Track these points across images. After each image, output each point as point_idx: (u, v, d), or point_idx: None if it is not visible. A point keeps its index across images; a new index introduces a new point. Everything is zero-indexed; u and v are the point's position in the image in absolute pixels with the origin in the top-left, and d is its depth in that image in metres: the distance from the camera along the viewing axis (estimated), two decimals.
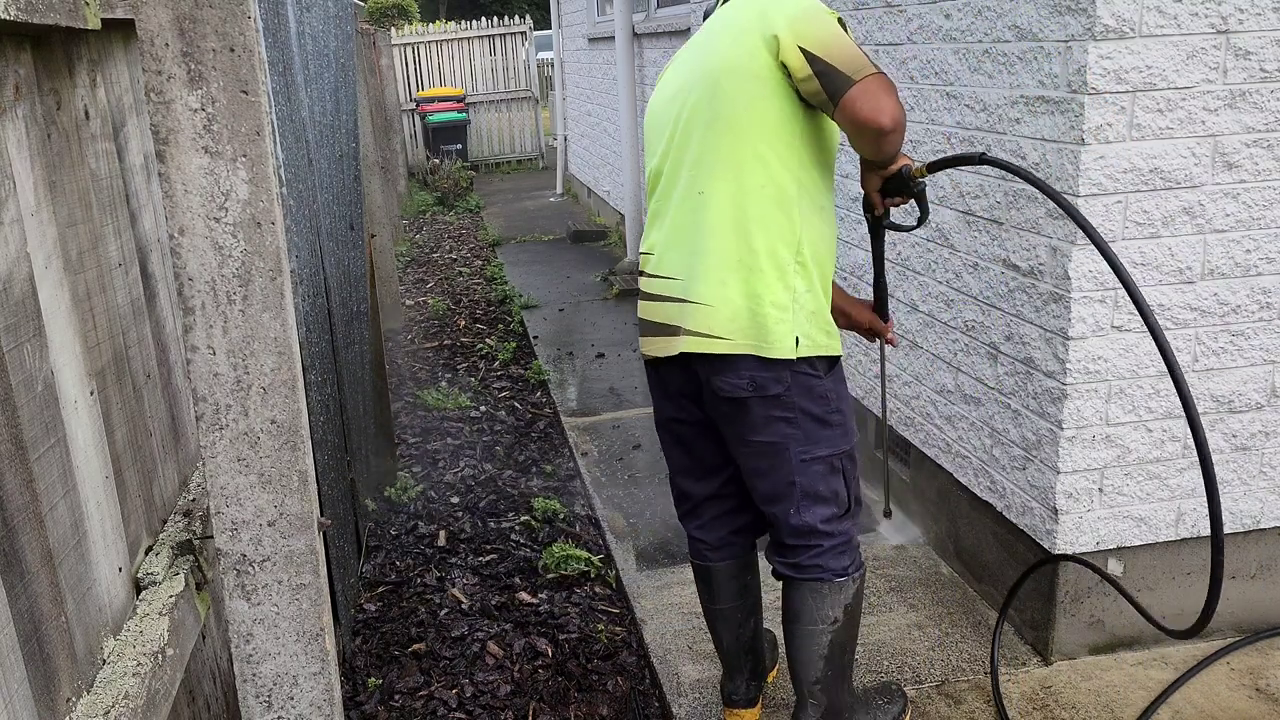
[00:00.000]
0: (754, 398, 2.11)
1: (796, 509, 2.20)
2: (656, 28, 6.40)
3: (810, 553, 2.24)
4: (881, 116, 1.96)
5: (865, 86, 1.95)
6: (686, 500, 2.44)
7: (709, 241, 2.12)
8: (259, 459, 1.45)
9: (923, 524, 3.33)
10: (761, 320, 2.08)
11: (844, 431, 2.22)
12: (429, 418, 4.90)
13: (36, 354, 1.38)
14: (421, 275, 7.98)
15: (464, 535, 3.72)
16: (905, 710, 2.50)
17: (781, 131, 2.07)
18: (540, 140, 14.59)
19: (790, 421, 2.14)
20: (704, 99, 2.12)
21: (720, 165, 2.10)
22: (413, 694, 2.80)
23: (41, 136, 1.45)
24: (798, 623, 2.27)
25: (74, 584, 1.46)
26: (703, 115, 2.12)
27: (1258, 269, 2.48)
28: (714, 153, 2.10)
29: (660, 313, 2.22)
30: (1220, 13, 2.29)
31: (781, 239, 2.10)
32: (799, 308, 2.11)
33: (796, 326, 2.10)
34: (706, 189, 2.12)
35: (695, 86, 2.15)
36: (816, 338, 2.14)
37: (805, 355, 2.12)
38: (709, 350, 2.12)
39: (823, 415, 2.16)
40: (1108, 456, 2.53)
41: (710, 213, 2.11)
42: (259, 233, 1.39)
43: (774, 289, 2.09)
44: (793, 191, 2.10)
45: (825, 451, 2.18)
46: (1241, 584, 2.72)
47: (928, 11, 2.94)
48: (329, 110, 3.39)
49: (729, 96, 2.07)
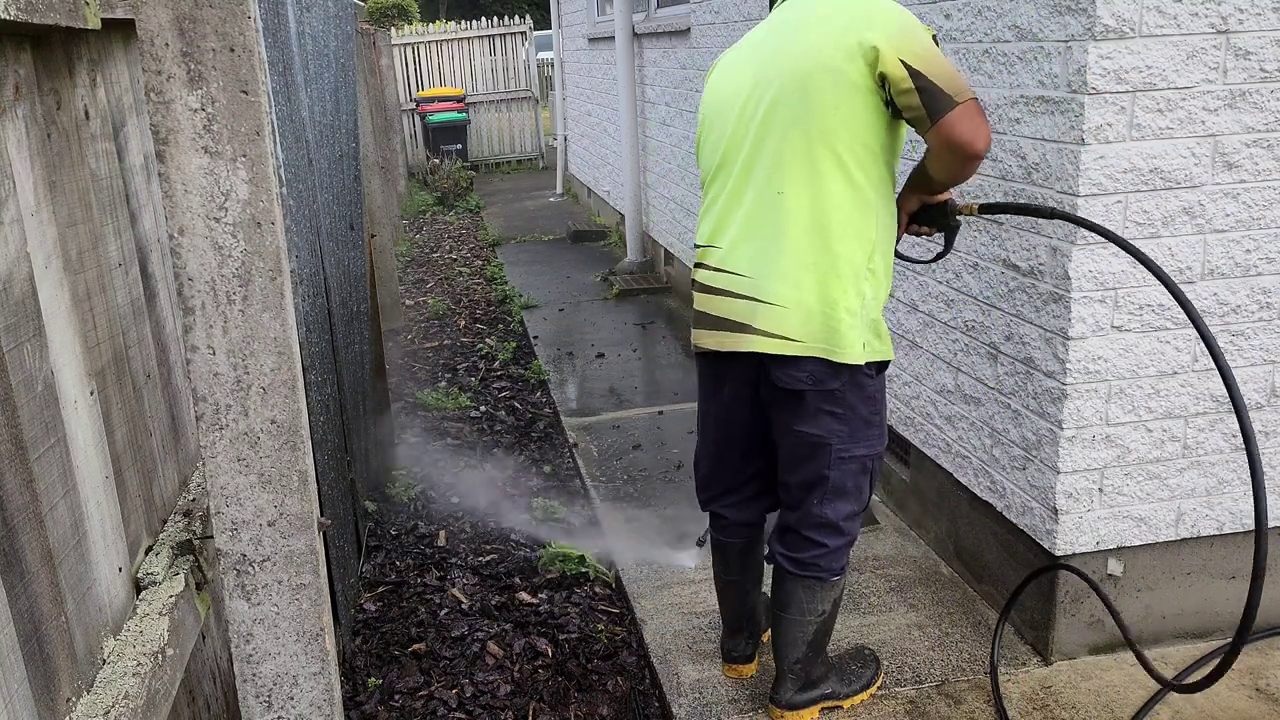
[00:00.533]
0: (811, 391, 2.19)
1: (822, 501, 2.29)
2: (656, 28, 6.40)
3: (816, 551, 2.32)
4: (978, 141, 2.02)
5: (967, 109, 2.01)
6: (718, 483, 2.54)
7: (786, 242, 2.14)
8: (259, 459, 1.45)
9: (923, 524, 3.33)
10: (834, 325, 2.13)
11: (880, 434, 2.31)
12: (429, 418, 4.90)
13: (36, 354, 1.38)
14: (421, 275, 7.98)
15: (464, 535, 3.72)
16: (878, 674, 2.62)
17: (867, 139, 2.09)
18: (540, 140, 14.59)
19: (839, 418, 2.22)
20: (790, 97, 2.11)
21: (804, 166, 2.11)
22: (413, 694, 2.80)
23: (41, 136, 1.45)
24: (786, 611, 2.38)
25: (74, 584, 1.46)
26: (787, 114, 2.12)
27: (1258, 269, 2.48)
28: (797, 153, 2.11)
29: (725, 308, 2.25)
30: (1220, 13, 2.29)
31: (859, 245, 2.14)
32: (866, 314, 2.17)
33: (863, 333, 2.17)
34: (787, 189, 2.13)
35: (776, 82, 2.14)
36: (875, 344, 2.21)
37: (868, 360, 2.19)
38: (780, 351, 2.17)
39: (868, 416, 2.25)
40: (1108, 456, 2.53)
41: (790, 214, 2.13)
42: (259, 233, 1.39)
43: (848, 294, 2.13)
44: (872, 198, 2.14)
45: (862, 451, 2.27)
46: (1241, 584, 2.72)
47: (928, 11, 2.94)
48: (329, 110, 3.39)
49: (819, 97, 2.07)
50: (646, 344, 5.84)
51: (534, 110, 14.40)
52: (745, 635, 2.67)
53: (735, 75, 2.28)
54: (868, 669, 2.60)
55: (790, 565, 2.35)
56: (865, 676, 2.58)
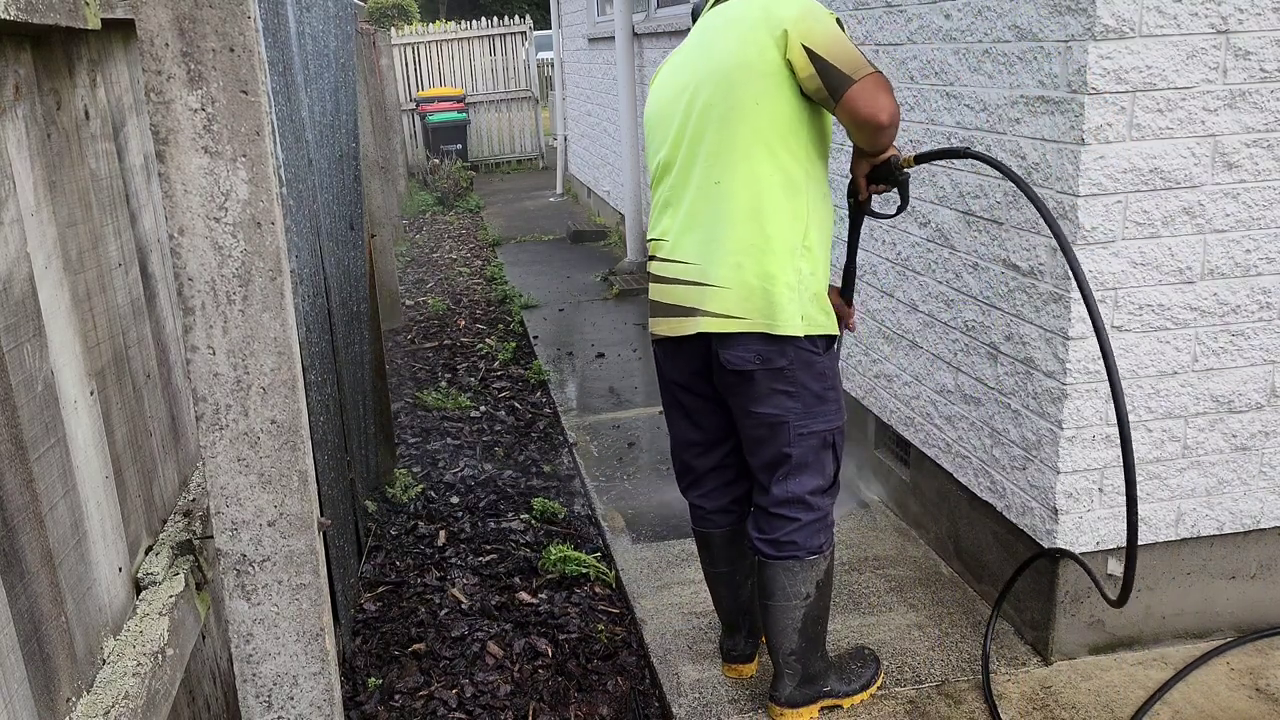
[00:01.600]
0: (760, 370, 2.27)
1: (787, 478, 2.36)
2: (656, 28, 6.40)
3: (789, 527, 2.38)
4: (880, 114, 2.13)
5: (864, 85, 2.11)
6: (690, 472, 2.59)
7: (726, 229, 2.25)
8: (259, 459, 1.45)
9: (923, 524, 3.33)
10: (773, 300, 2.23)
11: (837, 408, 2.38)
12: (429, 418, 4.90)
13: (36, 354, 1.38)
14: (421, 275, 7.98)
15: (464, 535, 3.72)
16: (878, 674, 2.63)
17: (790, 124, 2.21)
18: (540, 140, 14.58)
19: (791, 395, 2.30)
20: (717, 95, 2.24)
21: (736, 157, 2.23)
22: (413, 694, 2.80)
23: (41, 136, 1.45)
24: (771, 599, 2.42)
25: (74, 584, 1.46)
26: (717, 110, 2.24)
27: (1258, 269, 2.48)
28: (729, 145, 2.23)
29: (676, 295, 2.35)
30: (1220, 13, 2.29)
31: (792, 225, 2.25)
32: (804, 289, 2.26)
33: (801, 306, 2.26)
34: (723, 179, 2.25)
35: (706, 83, 2.27)
36: (817, 317, 2.29)
37: (809, 333, 2.27)
38: (725, 329, 2.27)
39: (820, 391, 2.33)
40: (1108, 456, 2.53)
41: (727, 201, 2.25)
42: (259, 233, 1.39)
43: (785, 271, 2.23)
44: (801, 180, 2.25)
45: (820, 426, 2.35)
46: (1241, 584, 2.72)
47: (928, 11, 2.94)
48: (329, 110, 3.39)
49: (741, 92, 2.20)
50: (646, 344, 5.84)
51: (534, 110, 14.40)
52: (743, 633, 2.67)
53: (671, 83, 2.41)
54: (868, 669, 2.61)
55: (767, 548, 2.40)
56: (865, 676, 2.59)
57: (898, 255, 3.24)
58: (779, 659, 2.46)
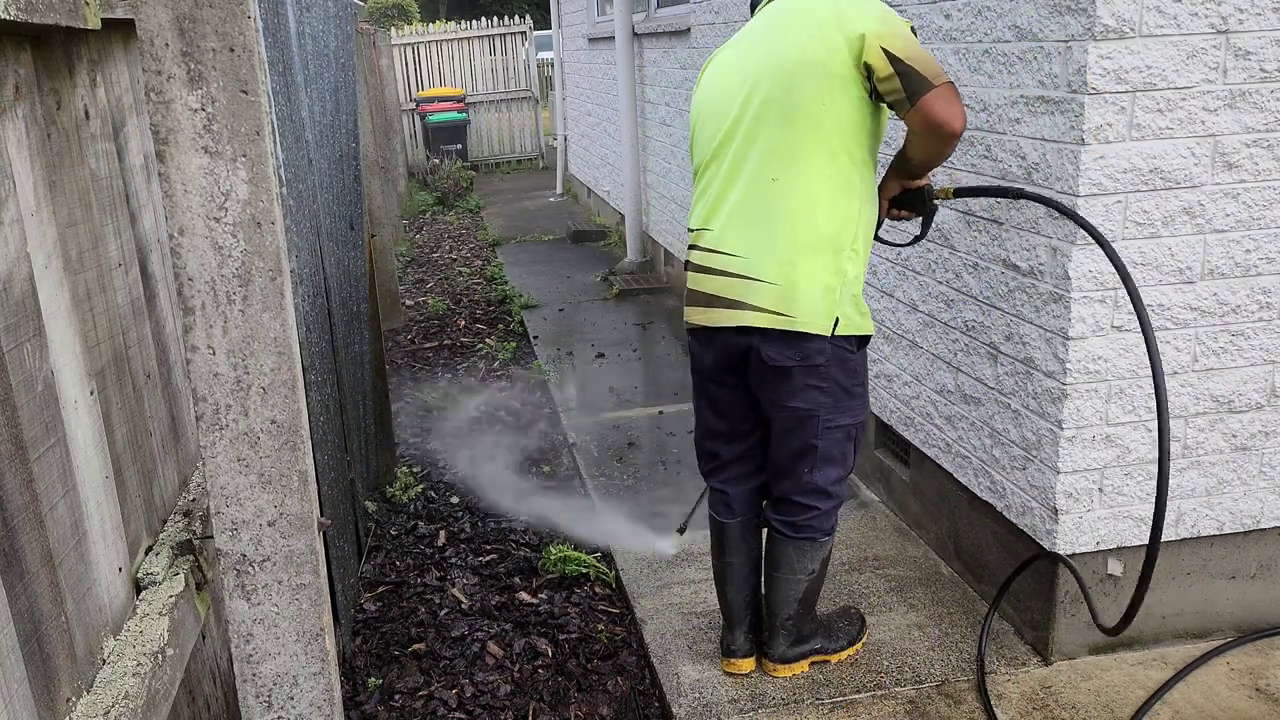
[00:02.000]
0: (798, 367, 2.34)
1: (812, 469, 2.46)
2: (656, 28, 6.40)
3: (810, 514, 2.50)
4: (955, 120, 2.18)
5: (943, 91, 2.17)
6: (715, 459, 2.66)
7: (778, 225, 2.30)
8: (259, 459, 1.45)
9: (923, 524, 3.33)
10: (818, 300, 2.30)
11: (863, 403, 2.48)
12: (429, 418, 4.90)
13: (36, 354, 1.38)
14: (421, 275, 7.98)
15: (464, 535, 3.72)
16: (863, 630, 2.78)
17: (852, 127, 2.26)
18: (540, 140, 14.58)
19: (824, 390, 2.37)
20: (778, 90, 2.27)
21: (795, 154, 2.26)
22: (413, 694, 2.80)
23: (41, 136, 1.45)
24: (779, 570, 2.57)
25: (74, 584, 1.46)
26: (778, 106, 2.27)
27: (1258, 269, 2.48)
28: (789, 142, 2.26)
29: (718, 286, 2.39)
30: (1220, 13, 2.29)
31: (845, 226, 2.31)
32: (846, 290, 2.33)
33: (840, 307, 2.33)
34: (780, 176, 2.28)
35: (766, 77, 2.29)
36: (855, 318, 2.37)
37: (845, 333, 2.35)
38: (770, 325, 2.32)
39: (850, 387, 2.41)
40: (1108, 456, 2.53)
41: (783, 199, 2.28)
42: (259, 233, 1.39)
43: (831, 272, 2.30)
44: (856, 183, 2.31)
45: (846, 420, 2.44)
46: (1241, 584, 2.72)
47: (928, 11, 2.94)
48: (329, 110, 3.39)
49: (806, 90, 2.23)
50: (646, 344, 5.84)
51: (534, 110, 14.40)
52: (745, 629, 2.69)
53: (727, 74, 2.42)
54: (853, 626, 2.77)
55: (786, 529, 2.53)
56: (850, 633, 2.75)
57: (898, 255, 3.24)
58: (776, 622, 2.62)
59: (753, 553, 2.65)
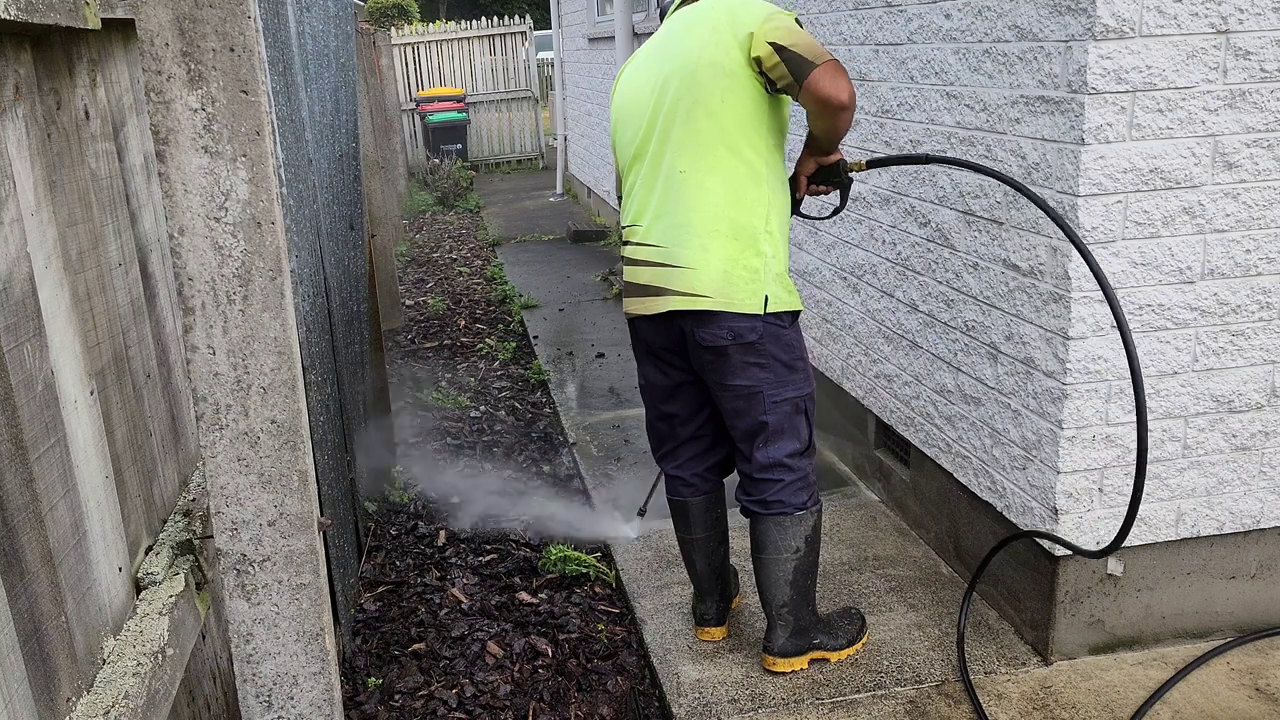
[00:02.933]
0: (733, 345, 2.45)
1: (766, 444, 2.55)
2: (656, 27, 6.41)
3: (774, 488, 2.57)
4: (841, 93, 2.31)
5: (825, 69, 2.30)
6: (666, 443, 2.79)
7: (692, 214, 2.44)
8: (259, 459, 1.45)
9: (923, 524, 3.33)
10: (737, 281, 2.42)
11: (806, 377, 2.58)
12: (429, 418, 4.90)
13: (36, 354, 1.38)
14: (421, 275, 7.98)
15: (464, 535, 3.72)
16: (863, 631, 2.80)
17: (752, 118, 2.40)
18: (540, 140, 14.58)
19: (763, 366, 2.49)
20: (683, 90, 2.42)
21: (700, 148, 2.41)
22: (413, 694, 2.80)
23: (41, 136, 1.45)
24: (763, 552, 2.61)
25: (74, 584, 1.46)
26: (683, 104, 2.42)
27: (1258, 269, 2.48)
28: (694, 137, 2.41)
29: (646, 275, 2.54)
30: (1220, 13, 2.29)
31: (754, 211, 2.44)
32: (768, 270, 2.46)
33: (766, 286, 2.45)
34: (688, 169, 2.43)
35: (673, 79, 2.44)
36: (782, 295, 2.49)
37: (774, 310, 2.46)
38: (693, 307, 2.45)
39: (789, 361, 2.52)
40: (1108, 456, 2.53)
41: (692, 189, 2.43)
42: (259, 233, 1.39)
43: (748, 254, 2.43)
44: (762, 170, 2.44)
45: (792, 394, 2.54)
46: (1241, 584, 2.72)
47: (928, 11, 2.94)
48: (329, 110, 3.39)
49: (707, 88, 2.38)
50: None
51: (534, 110, 14.40)
52: (715, 598, 2.82)
53: (639, 78, 2.59)
54: (853, 626, 2.79)
55: (756, 506, 2.60)
56: (851, 632, 2.77)
57: (898, 255, 3.24)
58: (771, 611, 2.65)
59: (717, 524, 2.79)
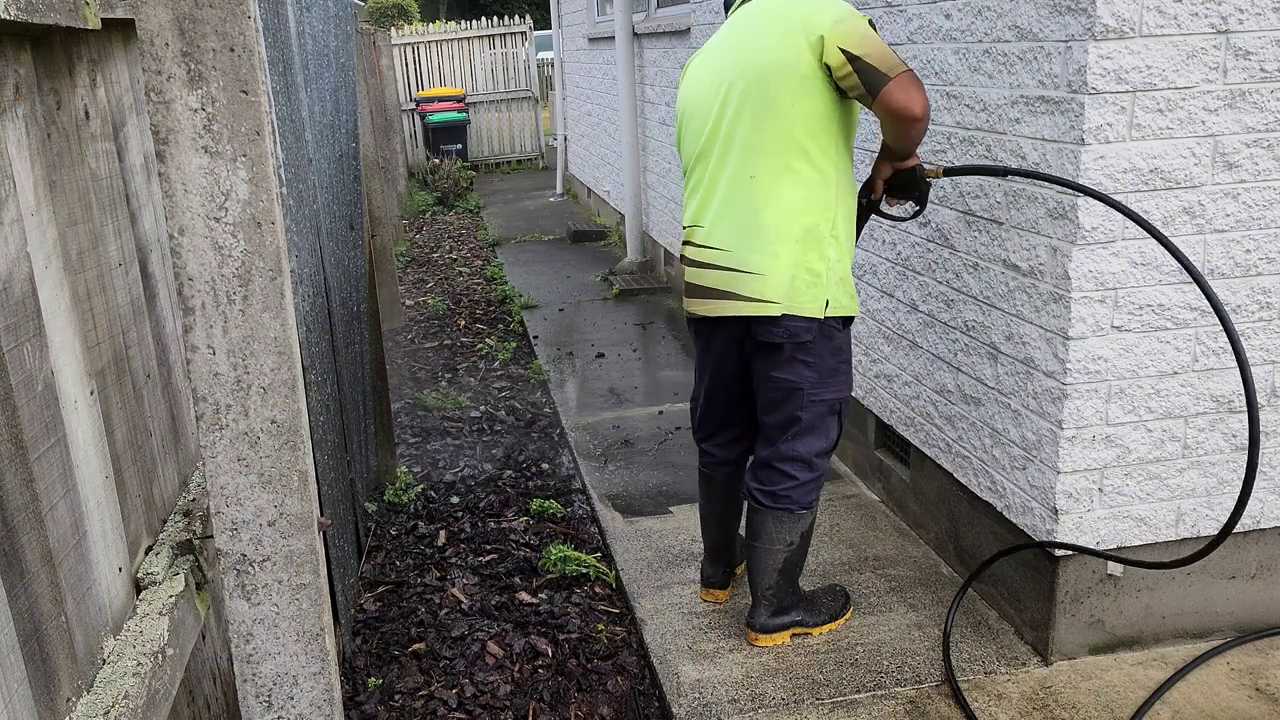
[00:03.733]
0: (787, 343, 2.52)
1: (795, 438, 2.62)
2: (656, 28, 6.40)
3: (789, 483, 2.64)
4: (915, 106, 2.32)
5: (900, 81, 2.30)
6: (708, 424, 2.89)
7: (760, 218, 2.46)
8: (259, 459, 1.45)
9: (923, 524, 3.33)
10: (800, 285, 2.47)
11: (848, 380, 2.65)
12: (429, 418, 4.90)
13: (36, 354, 1.38)
14: (421, 275, 7.98)
15: (464, 535, 3.72)
16: (846, 607, 2.90)
17: (822, 122, 2.41)
18: (540, 140, 14.58)
19: (810, 365, 2.55)
20: (752, 92, 2.42)
21: (769, 152, 2.42)
22: (413, 694, 2.80)
23: (41, 136, 1.45)
24: (759, 541, 2.70)
25: (74, 584, 1.46)
26: (752, 106, 2.43)
27: (1258, 269, 2.48)
28: (763, 140, 2.42)
29: (711, 279, 2.57)
30: (1220, 13, 2.29)
31: (822, 216, 2.46)
32: (831, 274, 2.50)
33: (828, 290, 2.50)
34: (757, 173, 2.45)
35: (741, 79, 2.45)
36: (842, 300, 2.54)
37: (832, 314, 2.52)
38: (759, 314, 2.50)
39: (835, 365, 2.59)
40: (1108, 456, 2.53)
41: (761, 194, 2.45)
42: (259, 233, 1.39)
43: (812, 258, 2.46)
44: (831, 174, 2.46)
45: (831, 395, 2.60)
46: (1241, 584, 2.72)
47: (928, 11, 2.94)
48: (329, 110, 3.39)
49: (777, 91, 2.39)
50: (646, 344, 5.84)
51: (534, 110, 14.40)
52: (723, 563, 2.99)
53: (706, 75, 2.58)
54: (836, 602, 2.89)
55: (763, 498, 2.66)
56: (833, 609, 2.87)
57: (898, 255, 3.24)
58: (758, 592, 2.77)
59: (735, 499, 2.92)
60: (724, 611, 3.00)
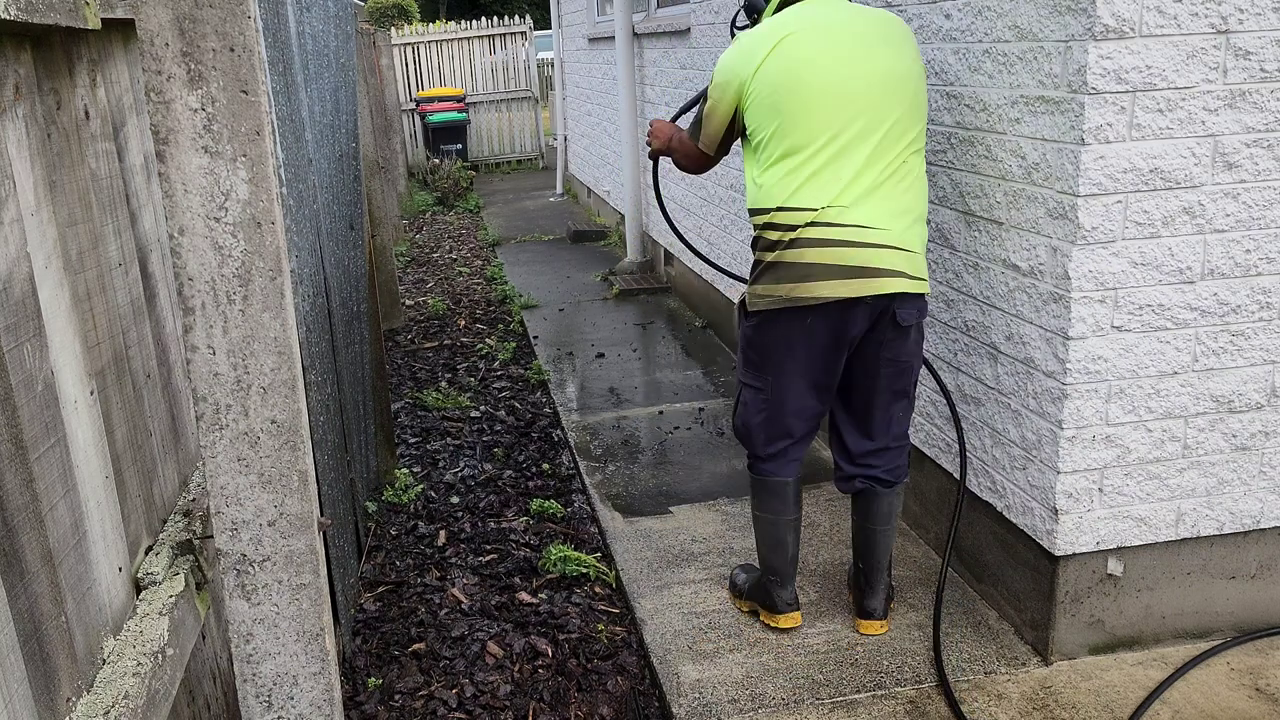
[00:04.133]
0: (917, 322, 2.65)
1: (905, 415, 2.77)
2: (656, 28, 6.40)
3: (902, 456, 2.79)
4: None
5: None
6: (789, 438, 2.79)
7: (906, 200, 2.59)
8: (259, 459, 1.45)
9: (923, 524, 3.33)
10: (924, 267, 2.63)
11: None
12: (429, 418, 4.90)
13: (36, 354, 1.38)
14: (421, 275, 7.98)
15: (464, 535, 3.72)
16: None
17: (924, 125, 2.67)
18: (540, 140, 14.58)
19: (918, 342, 2.70)
20: (895, 87, 2.56)
21: (907, 140, 2.59)
22: (413, 694, 2.80)
23: (41, 136, 1.45)
24: (888, 523, 2.80)
25: (74, 584, 1.46)
26: (895, 102, 2.56)
27: (1258, 269, 2.48)
28: (905, 131, 2.58)
29: (866, 257, 2.54)
30: (1220, 13, 2.29)
31: (926, 202, 2.71)
32: None
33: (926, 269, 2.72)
34: (908, 159, 2.60)
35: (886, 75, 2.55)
36: None
37: None
38: (909, 289, 2.58)
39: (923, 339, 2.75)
40: (1108, 456, 2.53)
41: (908, 178, 2.61)
42: (259, 233, 1.39)
43: (924, 238, 2.65)
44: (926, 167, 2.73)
45: (919, 366, 2.75)
46: (1241, 584, 2.72)
47: (928, 11, 2.94)
48: (329, 110, 3.39)
49: (915, 91, 2.60)
50: (646, 344, 5.84)
51: (534, 110, 14.40)
52: (792, 583, 2.90)
53: (823, 63, 2.55)
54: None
55: (890, 477, 2.77)
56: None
57: None
58: (879, 578, 2.84)
59: (801, 505, 2.89)
60: (724, 612, 3.00)
